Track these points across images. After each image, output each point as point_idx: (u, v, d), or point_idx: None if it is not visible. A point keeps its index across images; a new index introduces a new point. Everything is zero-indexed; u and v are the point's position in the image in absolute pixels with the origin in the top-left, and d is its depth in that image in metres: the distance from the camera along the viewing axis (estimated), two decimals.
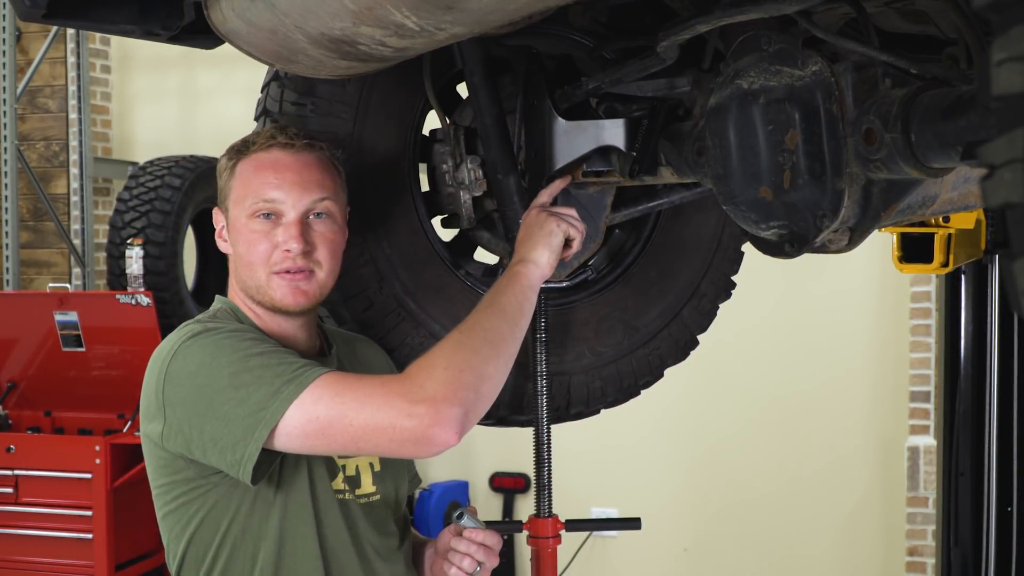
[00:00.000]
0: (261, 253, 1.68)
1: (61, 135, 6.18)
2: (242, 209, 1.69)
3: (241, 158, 1.72)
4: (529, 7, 1.16)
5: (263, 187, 1.68)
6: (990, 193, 0.70)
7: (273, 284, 1.68)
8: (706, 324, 2.22)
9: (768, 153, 1.43)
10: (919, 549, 4.77)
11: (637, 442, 5.28)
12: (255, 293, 1.71)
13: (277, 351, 1.60)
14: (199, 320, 1.69)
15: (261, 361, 1.56)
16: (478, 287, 2.04)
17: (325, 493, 1.69)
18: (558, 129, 1.83)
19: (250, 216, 1.69)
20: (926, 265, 2.74)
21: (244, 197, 1.69)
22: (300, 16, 1.33)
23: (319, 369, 1.56)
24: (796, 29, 1.45)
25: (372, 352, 1.89)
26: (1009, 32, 0.68)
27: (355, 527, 1.72)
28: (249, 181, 1.69)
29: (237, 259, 1.72)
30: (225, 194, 1.73)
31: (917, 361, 4.80)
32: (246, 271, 1.70)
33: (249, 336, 1.62)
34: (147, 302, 4.26)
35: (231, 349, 1.57)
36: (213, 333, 1.61)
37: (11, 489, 4.34)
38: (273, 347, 1.61)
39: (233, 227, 1.72)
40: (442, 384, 1.52)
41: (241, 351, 1.57)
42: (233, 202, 1.71)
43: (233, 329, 1.63)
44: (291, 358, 1.58)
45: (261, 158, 1.70)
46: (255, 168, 1.70)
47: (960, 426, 3.72)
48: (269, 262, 1.68)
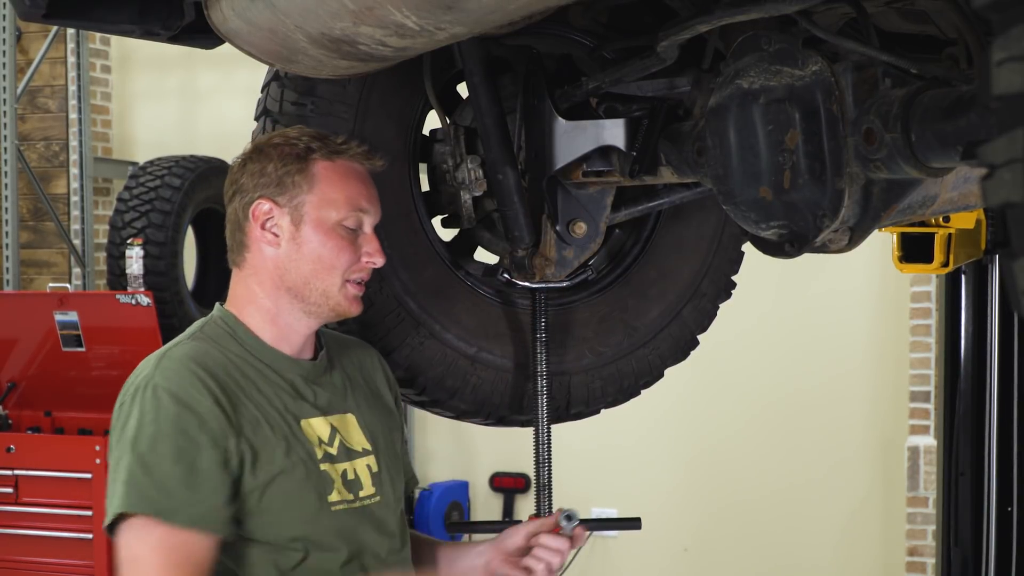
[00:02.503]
0: (346, 260, 1.69)
1: (61, 135, 6.17)
2: (329, 212, 1.68)
3: (320, 158, 1.69)
4: (529, 7, 1.16)
5: (359, 198, 1.70)
6: (990, 193, 0.70)
7: (347, 292, 1.69)
8: (706, 324, 2.22)
9: (768, 153, 1.43)
10: (919, 549, 4.77)
11: (637, 442, 5.28)
12: (316, 296, 1.69)
13: (179, 467, 1.57)
14: (167, 354, 1.65)
15: (161, 466, 1.56)
16: (478, 287, 2.04)
17: (322, 512, 1.66)
18: (558, 129, 1.83)
19: (339, 222, 1.68)
20: (926, 265, 2.74)
21: (335, 201, 1.68)
22: (300, 16, 1.33)
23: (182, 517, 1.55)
24: (796, 29, 1.45)
25: (366, 355, 1.88)
26: (1009, 32, 0.68)
27: (355, 534, 1.70)
28: (340, 187, 1.69)
29: (303, 259, 1.69)
30: (296, 189, 1.69)
31: (917, 361, 4.80)
32: (318, 274, 1.69)
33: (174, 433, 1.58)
34: (147, 302, 4.26)
35: (156, 434, 1.57)
36: (154, 397, 1.59)
37: (11, 489, 4.34)
38: (182, 458, 1.57)
39: (308, 226, 1.69)
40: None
41: (162, 441, 1.57)
42: (315, 202, 1.68)
43: (175, 414, 1.58)
44: (184, 491, 1.56)
45: (350, 167, 1.71)
46: (344, 175, 1.70)
47: (960, 426, 3.72)
48: (350, 269, 1.69)
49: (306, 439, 1.67)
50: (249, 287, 1.73)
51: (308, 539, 1.64)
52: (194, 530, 1.55)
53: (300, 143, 1.70)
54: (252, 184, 1.70)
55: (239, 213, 1.72)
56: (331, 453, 1.70)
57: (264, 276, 1.71)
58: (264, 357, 1.70)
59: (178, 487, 1.55)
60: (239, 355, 1.68)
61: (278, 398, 1.67)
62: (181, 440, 1.57)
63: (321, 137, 1.72)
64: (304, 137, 1.71)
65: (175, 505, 1.55)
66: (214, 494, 1.57)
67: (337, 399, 1.75)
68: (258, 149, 1.72)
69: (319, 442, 1.69)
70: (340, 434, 1.73)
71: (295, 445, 1.65)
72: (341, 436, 1.73)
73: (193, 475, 1.56)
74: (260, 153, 1.71)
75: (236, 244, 1.74)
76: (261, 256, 1.71)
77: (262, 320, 1.72)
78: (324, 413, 1.72)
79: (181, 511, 1.55)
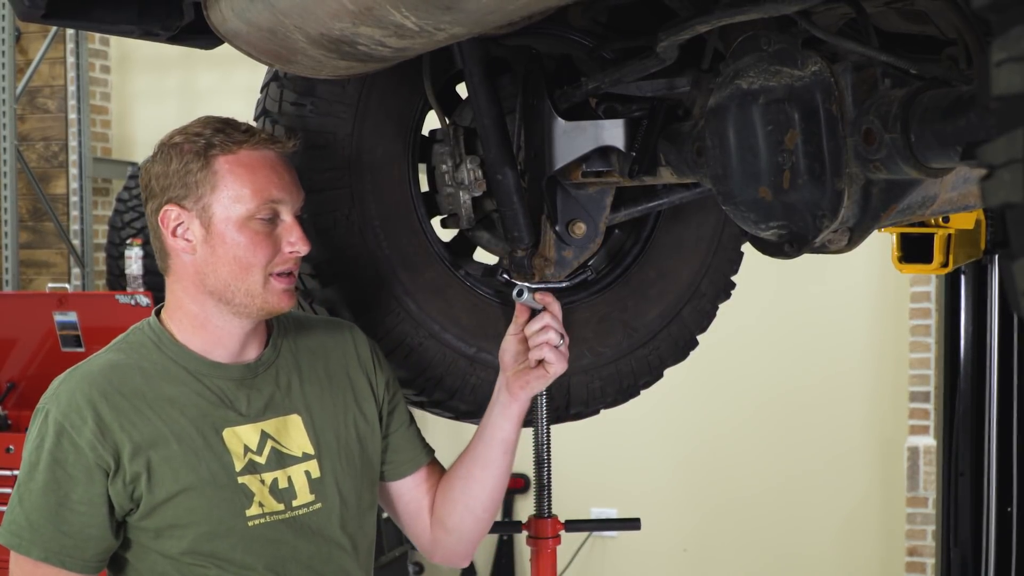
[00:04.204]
0: (264, 256, 1.62)
1: (60, 135, 6.17)
2: (238, 208, 1.61)
3: (223, 154, 1.62)
4: (529, 7, 1.16)
5: (268, 187, 1.62)
6: (990, 193, 0.70)
7: (271, 287, 1.63)
8: (706, 324, 2.22)
9: (767, 153, 1.43)
10: (919, 549, 4.77)
11: (637, 442, 5.28)
12: (241, 297, 1.63)
13: (50, 502, 1.59)
14: (72, 373, 1.66)
15: (37, 496, 1.60)
16: (478, 287, 2.04)
17: (234, 528, 1.62)
18: (558, 129, 1.83)
19: (249, 216, 1.62)
20: (926, 265, 2.74)
21: (241, 197, 1.61)
22: (299, 16, 1.33)
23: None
24: (796, 29, 1.45)
25: (335, 340, 1.81)
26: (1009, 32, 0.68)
27: (276, 548, 1.65)
28: (246, 179, 1.61)
29: (220, 260, 1.62)
30: (201, 190, 1.62)
31: (917, 361, 4.80)
32: (237, 273, 1.62)
33: (53, 468, 1.59)
34: (146, 302, 4.26)
35: (35, 463, 1.60)
36: (43, 422, 1.61)
37: (10, 489, 4.33)
38: (55, 494, 1.59)
39: (219, 227, 1.62)
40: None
41: (38, 471, 1.60)
42: (221, 201, 1.61)
43: (53, 443, 1.59)
44: (52, 525, 1.58)
45: (253, 156, 1.63)
46: (249, 167, 1.62)
47: (960, 426, 3.72)
48: (271, 263, 1.63)
49: (225, 450, 1.63)
50: (175, 294, 1.69)
51: (216, 555, 1.61)
52: (53, 565, 1.58)
53: (200, 140, 1.63)
54: (159, 188, 1.65)
55: (152, 219, 1.67)
56: (257, 462, 1.65)
57: (187, 282, 1.66)
58: (188, 365, 1.66)
59: (43, 521, 1.58)
60: (160, 365, 1.65)
61: (196, 408, 1.64)
62: (56, 471, 1.59)
63: (222, 129, 1.64)
64: (206, 131, 1.64)
65: (36, 538, 1.58)
66: (85, 528, 1.58)
67: (279, 400, 1.71)
68: (161, 149, 1.66)
69: (244, 451, 1.65)
70: (274, 440, 1.68)
71: (207, 459, 1.61)
72: (275, 442, 1.68)
73: (62, 508, 1.58)
74: (162, 154, 1.65)
75: (158, 251, 1.70)
76: (181, 262, 1.66)
77: (191, 326, 1.68)
78: (255, 419, 1.67)
79: (40, 545, 1.58)
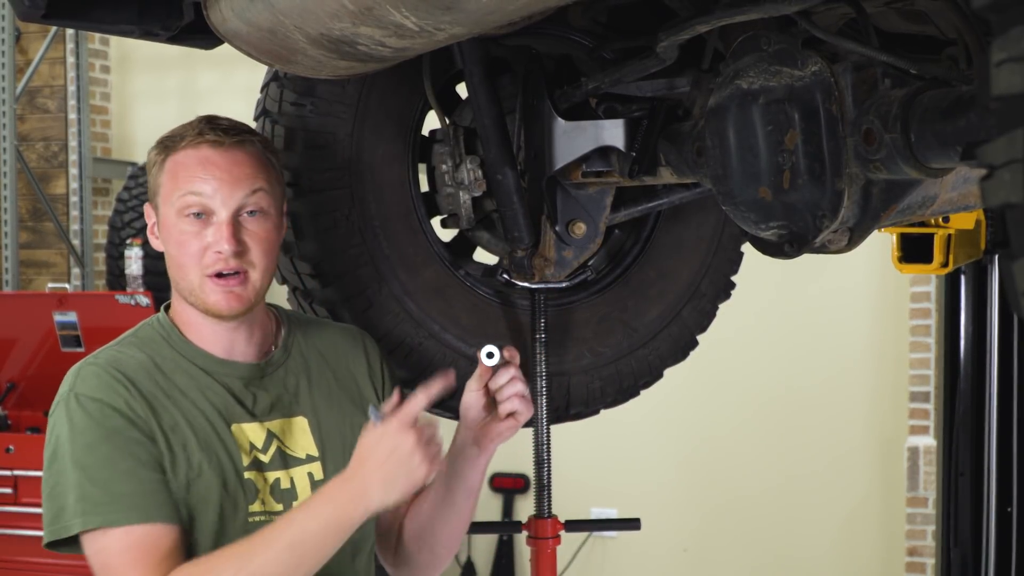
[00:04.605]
0: (192, 254, 1.62)
1: (60, 135, 6.17)
2: (171, 206, 1.63)
3: (170, 153, 1.64)
4: (529, 7, 1.16)
5: (191, 183, 1.61)
6: (990, 193, 0.70)
7: (207, 288, 1.62)
8: (705, 324, 2.22)
9: (767, 153, 1.43)
10: (919, 549, 4.77)
11: (637, 442, 5.28)
12: (188, 296, 1.65)
13: (115, 461, 1.57)
14: (85, 365, 1.64)
15: (98, 471, 1.56)
16: (477, 287, 2.04)
17: (235, 522, 1.62)
18: (557, 129, 1.83)
19: (179, 214, 1.62)
20: (926, 265, 2.73)
21: (171, 193, 1.63)
22: (299, 16, 1.33)
23: (127, 516, 1.55)
24: (796, 29, 1.45)
25: (346, 346, 1.80)
26: (1009, 32, 0.68)
27: None
28: (177, 177, 1.63)
29: (169, 260, 1.66)
30: (155, 190, 1.66)
31: (917, 361, 4.80)
32: (178, 272, 1.65)
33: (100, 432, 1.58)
34: (146, 302, 4.26)
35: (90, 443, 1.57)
36: (79, 406, 1.59)
37: (10, 489, 4.33)
38: (114, 454, 1.57)
39: (163, 225, 1.65)
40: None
41: (97, 447, 1.57)
42: (163, 199, 1.65)
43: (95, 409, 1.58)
44: (121, 483, 1.56)
45: (190, 155, 1.63)
46: (183, 164, 1.63)
47: (960, 426, 3.72)
48: (201, 264, 1.62)
49: (234, 445, 1.64)
50: (172, 291, 1.72)
51: (215, 548, 1.61)
52: (155, 522, 1.56)
53: (166, 141, 1.67)
54: (148, 188, 1.71)
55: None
56: (262, 461, 1.66)
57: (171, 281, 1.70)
58: (196, 361, 1.67)
59: (125, 488, 1.56)
60: (170, 359, 1.66)
61: (207, 401, 1.65)
62: (116, 440, 1.57)
63: (190, 129, 1.66)
64: (178, 131, 1.67)
65: (126, 507, 1.56)
66: (159, 483, 1.58)
67: (285, 402, 1.71)
68: (148, 152, 1.71)
69: (250, 448, 1.65)
70: (279, 440, 1.69)
71: (217, 451, 1.62)
72: (280, 442, 1.68)
73: (136, 471, 1.57)
74: (149, 155, 1.70)
75: None
76: (166, 259, 1.69)
77: (186, 324, 1.70)
78: (262, 418, 1.68)
79: (133, 511, 1.55)
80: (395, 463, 1.54)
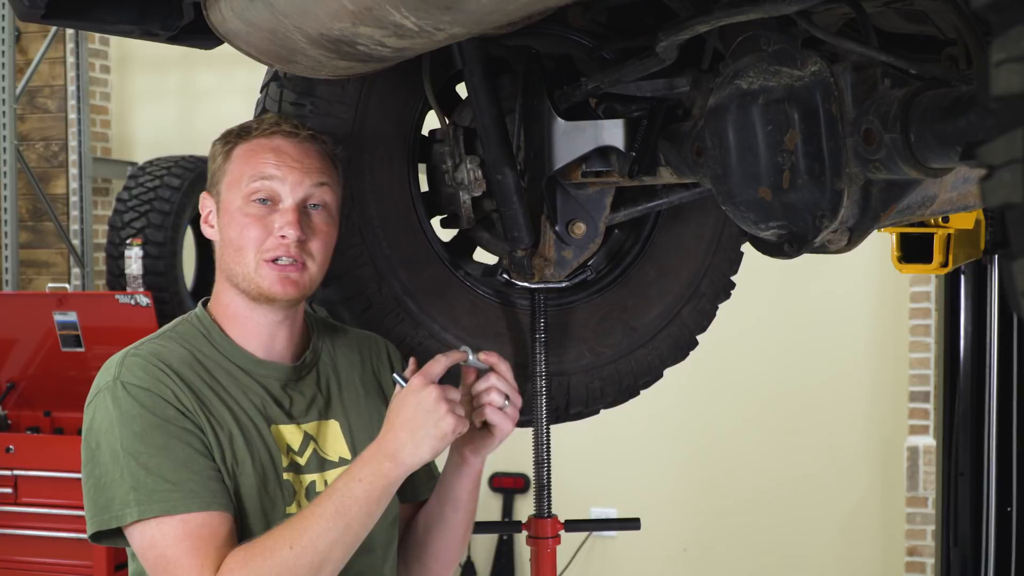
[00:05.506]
0: (253, 238, 1.62)
1: (60, 135, 6.17)
2: (237, 191, 1.63)
3: (240, 142, 1.66)
4: (529, 7, 1.16)
5: (263, 167, 1.63)
6: (989, 193, 0.69)
7: (263, 271, 1.62)
8: (705, 324, 2.22)
9: (767, 153, 1.43)
10: (919, 549, 4.77)
11: (637, 442, 5.28)
12: (241, 281, 1.64)
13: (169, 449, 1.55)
14: (129, 354, 1.63)
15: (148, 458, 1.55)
16: (477, 287, 2.04)
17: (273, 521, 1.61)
18: (557, 129, 1.83)
19: (245, 199, 1.63)
20: (925, 265, 2.74)
21: (240, 179, 1.63)
22: (299, 16, 1.33)
23: (189, 502, 1.53)
24: (795, 29, 1.45)
25: (371, 352, 1.82)
26: (1008, 32, 0.68)
27: None
28: (247, 163, 1.63)
29: (225, 245, 1.65)
30: (218, 178, 1.67)
31: (917, 361, 4.80)
32: (234, 257, 1.64)
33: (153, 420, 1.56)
34: (146, 302, 4.26)
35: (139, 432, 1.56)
36: (128, 394, 1.57)
37: (10, 489, 4.33)
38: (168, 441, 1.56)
39: (224, 211, 1.65)
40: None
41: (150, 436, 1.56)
42: (227, 185, 1.65)
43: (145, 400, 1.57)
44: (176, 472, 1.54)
45: (262, 143, 1.65)
46: (254, 151, 1.64)
47: (960, 426, 3.72)
48: (261, 248, 1.62)
49: (275, 445, 1.64)
50: (217, 284, 1.71)
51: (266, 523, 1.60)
52: (207, 511, 1.54)
53: (239, 131, 1.68)
54: (206, 180, 1.72)
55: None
56: (299, 463, 1.66)
57: (219, 271, 1.69)
58: (236, 359, 1.66)
59: (181, 476, 1.54)
60: (209, 355, 1.65)
61: (248, 400, 1.64)
62: (169, 429, 1.56)
63: (261, 123, 1.68)
64: (253, 123, 1.69)
65: (184, 495, 1.53)
66: (214, 472, 1.57)
67: (320, 404, 1.71)
68: (212, 143, 1.72)
69: (287, 450, 1.65)
70: (315, 443, 1.68)
71: (260, 450, 1.62)
72: (316, 445, 1.68)
73: (192, 460, 1.55)
74: (211, 148, 1.71)
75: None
76: (216, 251, 1.70)
77: (228, 318, 1.69)
78: (298, 420, 1.68)
79: (192, 499, 1.53)
80: (421, 417, 1.55)
